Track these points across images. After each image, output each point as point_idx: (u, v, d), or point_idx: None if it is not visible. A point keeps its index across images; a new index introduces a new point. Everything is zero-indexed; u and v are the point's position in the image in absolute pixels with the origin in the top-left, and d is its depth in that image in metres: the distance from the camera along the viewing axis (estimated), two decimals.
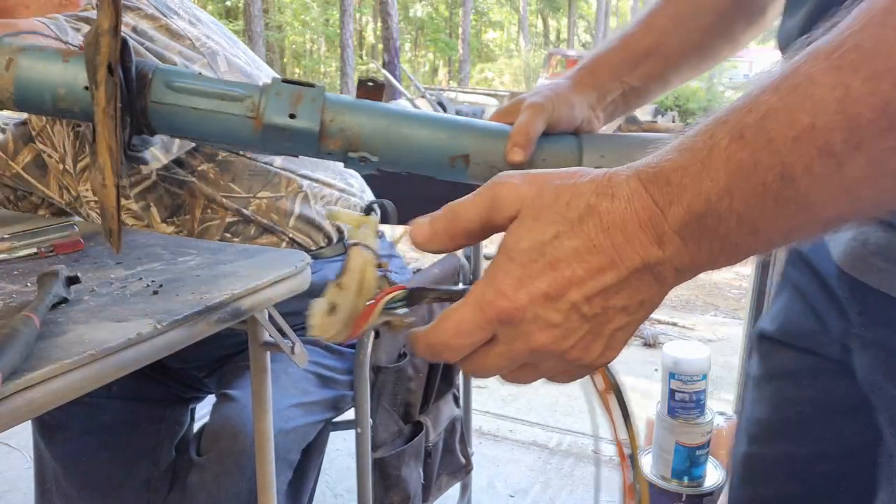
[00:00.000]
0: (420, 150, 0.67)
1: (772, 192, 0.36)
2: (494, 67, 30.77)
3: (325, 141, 0.66)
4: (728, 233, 0.38)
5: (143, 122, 0.68)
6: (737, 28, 0.77)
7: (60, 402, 0.64)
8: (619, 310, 0.41)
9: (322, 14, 26.05)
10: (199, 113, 0.66)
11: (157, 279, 0.88)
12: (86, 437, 1.38)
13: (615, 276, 0.40)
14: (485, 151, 0.67)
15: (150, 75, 0.66)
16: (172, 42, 1.14)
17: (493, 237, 0.46)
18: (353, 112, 0.67)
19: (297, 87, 0.66)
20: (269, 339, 1.00)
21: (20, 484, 2.02)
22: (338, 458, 2.23)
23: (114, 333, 0.70)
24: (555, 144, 0.69)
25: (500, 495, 2.10)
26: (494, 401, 2.73)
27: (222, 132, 0.68)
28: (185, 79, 0.67)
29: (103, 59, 0.62)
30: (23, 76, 0.66)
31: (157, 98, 0.66)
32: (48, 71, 0.66)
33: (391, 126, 0.67)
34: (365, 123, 0.66)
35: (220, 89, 0.66)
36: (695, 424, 1.77)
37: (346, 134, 0.66)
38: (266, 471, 1.07)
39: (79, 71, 0.66)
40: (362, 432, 1.26)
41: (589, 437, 2.43)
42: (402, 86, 8.84)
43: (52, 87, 0.66)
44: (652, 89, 0.78)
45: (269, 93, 0.66)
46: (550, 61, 17.17)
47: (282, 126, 0.65)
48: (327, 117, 0.66)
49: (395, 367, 1.33)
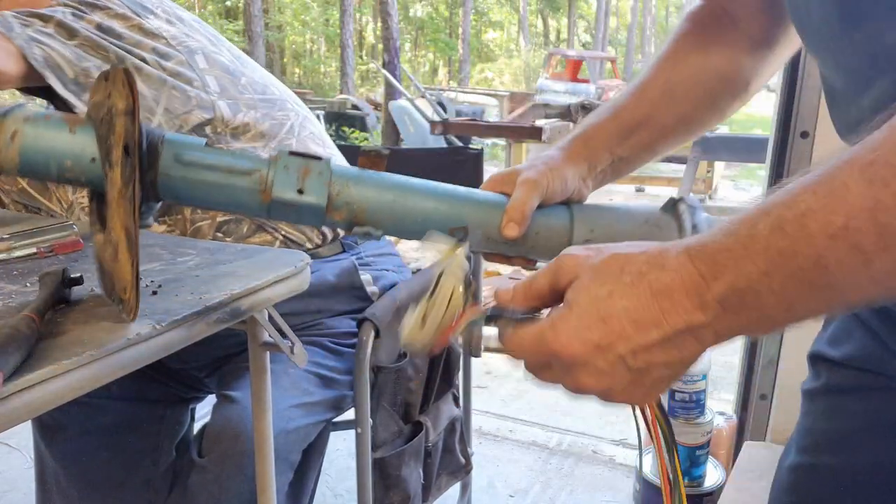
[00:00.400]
0: (422, 221, 0.70)
1: (807, 278, 0.41)
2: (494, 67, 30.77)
3: (331, 214, 0.68)
4: (764, 307, 0.43)
5: (151, 193, 0.68)
6: (723, 101, 0.79)
7: (59, 402, 0.64)
8: (661, 364, 0.47)
9: (322, 14, 26.03)
10: (207, 186, 0.67)
11: (156, 279, 0.88)
12: (86, 438, 1.38)
13: (660, 334, 0.45)
14: (482, 224, 0.70)
15: (160, 147, 0.67)
16: (145, 40, 1.14)
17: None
18: (359, 185, 0.68)
19: (305, 161, 0.67)
20: (268, 340, 1.00)
21: (20, 484, 2.02)
22: (338, 458, 2.23)
23: (113, 334, 0.70)
24: (548, 218, 0.72)
25: (500, 495, 2.10)
26: (494, 401, 2.73)
27: (230, 204, 0.69)
28: (194, 151, 0.67)
29: (118, 139, 0.62)
30: (28, 147, 0.65)
31: (166, 171, 0.67)
32: (54, 141, 0.66)
33: (396, 200, 0.69)
34: (370, 197, 0.68)
35: (228, 163, 0.67)
36: (695, 424, 1.77)
37: (351, 207, 0.68)
38: (266, 471, 1.07)
39: (86, 142, 0.66)
40: (362, 432, 1.26)
41: (589, 437, 2.43)
42: (402, 86, 8.83)
43: (58, 158, 0.66)
44: (641, 159, 0.80)
45: (278, 166, 0.67)
46: (550, 61, 17.16)
47: (290, 201, 0.66)
48: (334, 191, 0.67)
49: (395, 367, 1.32)
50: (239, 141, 1.22)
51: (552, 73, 16.49)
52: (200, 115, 1.17)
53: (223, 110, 1.19)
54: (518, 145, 7.11)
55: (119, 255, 0.66)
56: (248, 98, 1.24)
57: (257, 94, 1.26)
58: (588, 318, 0.47)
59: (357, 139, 10.21)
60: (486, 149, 1.82)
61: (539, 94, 13.90)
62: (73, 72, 1.10)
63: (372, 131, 10.57)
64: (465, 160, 1.75)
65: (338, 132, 10.41)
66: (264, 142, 1.24)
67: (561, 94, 14.03)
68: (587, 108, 7.20)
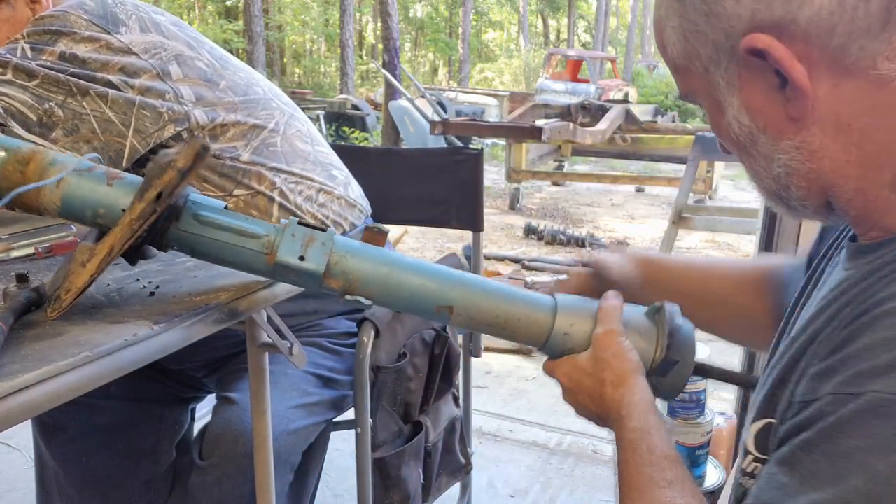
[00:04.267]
0: (411, 297, 0.76)
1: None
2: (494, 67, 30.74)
3: (328, 280, 0.75)
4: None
5: (161, 241, 0.75)
6: (755, 337, 0.94)
7: (57, 403, 0.64)
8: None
9: (322, 14, 26.00)
10: (220, 244, 0.76)
11: (153, 280, 0.87)
12: (85, 438, 1.38)
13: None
14: (468, 306, 0.76)
15: (183, 205, 0.75)
16: (114, 59, 1.13)
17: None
18: (357, 257, 0.76)
19: (311, 231, 0.75)
20: (266, 340, 1.00)
21: (20, 484, 2.02)
22: (338, 458, 2.23)
23: (110, 335, 0.70)
24: (532, 307, 0.77)
25: (500, 495, 2.10)
26: (494, 401, 2.72)
27: (238, 262, 0.77)
28: (212, 212, 0.76)
29: (159, 185, 0.70)
30: (70, 194, 0.74)
31: (185, 227, 0.75)
32: (93, 192, 0.74)
33: (390, 274, 0.76)
34: (366, 269, 0.75)
35: (240, 226, 0.76)
36: (695, 424, 1.77)
37: (347, 277, 0.75)
38: (265, 472, 1.07)
39: (119, 195, 0.74)
40: (362, 432, 1.26)
41: (589, 437, 2.42)
42: (402, 86, 8.82)
43: (94, 206, 0.74)
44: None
45: (285, 234, 0.75)
46: (550, 61, 17.15)
47: (292, 266, 0.74)
48: (333, 261, 0.75)
49: (395, 367, 1.32)
50: (218, 141, 1.21)
51: (552, 73, 16.49)
52: (173, 129, 1.17)
53: (198, 118, 1.19)
54: (518, 145, 7.13)
55: (88, 264, 0.72)
56: (228, 102, 1.23)
57: (238, 95, 1.25)
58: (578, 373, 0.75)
59: (357, 139, 10.21)
60: (485, 149, 1.81)
61: (539, 94, 13.90)
62: (36, 115, 1.10)
63: (372, 131, 10.56)
64: (464, 160, 1.75)
65: (338, 132, 10.41)
66: (245, 141, 1.24)
67: (561, 94, 14.03)
68: (587, 108, 7.21)
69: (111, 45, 1.14)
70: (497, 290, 0.77)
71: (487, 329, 0.77)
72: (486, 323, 0.76)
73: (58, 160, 0.75)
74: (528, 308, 0.76)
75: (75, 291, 0.72)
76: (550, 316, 0.76)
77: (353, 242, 0.77)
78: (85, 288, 0.73)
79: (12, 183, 0.73)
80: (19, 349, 0.66)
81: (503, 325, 0.76)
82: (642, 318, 0.76)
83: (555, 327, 0.75)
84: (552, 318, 0.76)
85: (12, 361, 0.63)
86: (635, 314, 0.76)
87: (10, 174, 0.73)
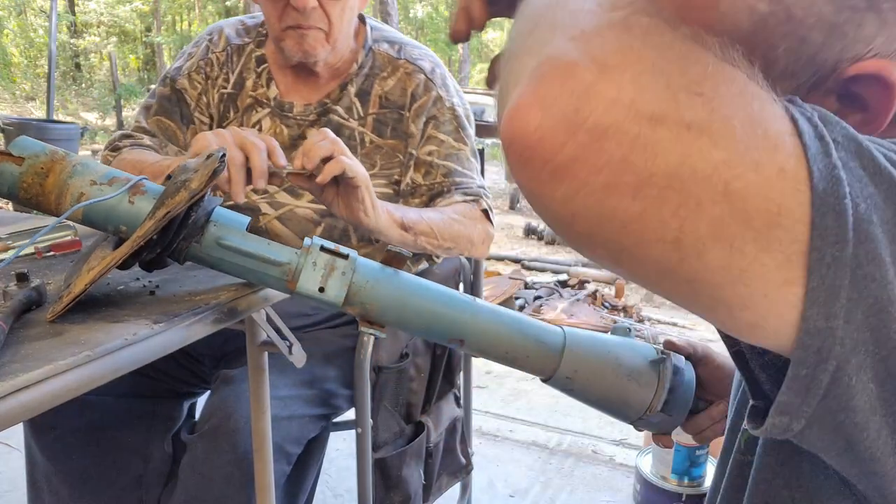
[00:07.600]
0: (426, 328, 0.77)
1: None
2: None
3: (346, 307, 0.76)
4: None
5: (178, 256, 0.76)
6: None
7: (56, 402, 0.63)
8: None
9: None
10: (241, 269, 0.77)
11: (153, 279, 0.87)
12: (75, 435, 1.37)
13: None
14: (478, 340, 0.77)
15: (206, 225, 0.76)
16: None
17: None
18: (375, 288, 0.76)
19: (332, 259, 0.76)
20: (266, 340, 0.99)
21: (20, 484, 2.01)
22: (338, 458, 2.23)
23: (110, 334, 0.70)
24: (542, 343, 0.77)
25: (500, 495, 2.09)
26: (495, 401, 2.72)
27: (257, 283, 0.80)
28: (235, 238, 0.77)
29: (171, 205, 0.72)
30: (91, 209, 0.76)
31: (206, 251, 0.77)
32: (115, 209, 0.76)
33: (406, 306, 0.76)
34: (383, 299, 0.76)
35: (262, 253, 0.77)
36: None
37: (365, 307, 0.76)
38: (265, 471, 1.06)
39: (141, 212, 0.76)
40: (363, 432, 1.26)
41: (589, 437, 2.42)
42: None
43: (115, 222, 0.77)
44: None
45: (307, 261, 0.76)
46: None
47: (311, 295, 0.75)
48: (352, 291, 0.75)
49: (396, 368, 1.32)
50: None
51: None
52: None
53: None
54: None
55: (92, 270, 0.73)
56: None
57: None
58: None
59: None
60: (486, 149, 1.81)
61: None
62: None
63: None
64: None
65: None
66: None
67: None
68: None
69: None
70: (510, 323, 0.77)
71: (496, 360, 0.78)
72: (494, 356, 0.78)
73: (77, 172, 0.76)
74: (537, 346, 0.76)
75: (73, 297, 0.72)
76: (557, 356, 0.76)
77: (374, 268, 0.77)
78: (81, 294, 0.73)
79: (31, 195, 0.76)
80: (19, 349, 0.65)
81: (511, 360, 0.78)
82: (646, 368, 0.75)
83: (559, 370, 0.76)
84: (559, 358, 0.76)
85: (12, 361, 0.63)
86: (639, 361, 0.76)
87: (28, 187, 0.75)
